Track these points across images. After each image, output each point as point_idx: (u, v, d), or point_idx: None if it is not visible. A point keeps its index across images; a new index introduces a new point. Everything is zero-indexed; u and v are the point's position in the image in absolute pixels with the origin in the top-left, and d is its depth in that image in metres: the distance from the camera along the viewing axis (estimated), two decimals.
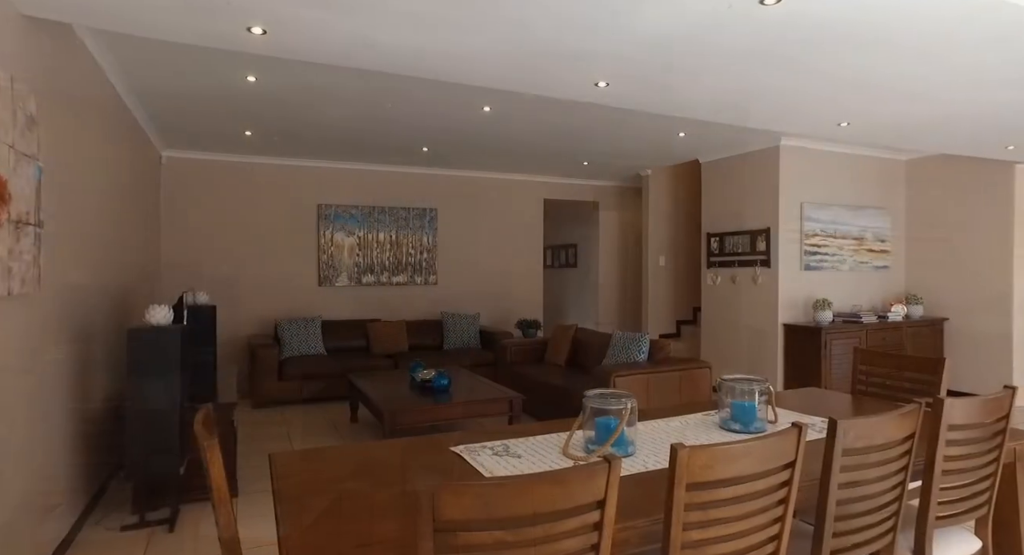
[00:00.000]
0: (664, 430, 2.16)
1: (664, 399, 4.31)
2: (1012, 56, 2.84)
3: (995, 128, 4.25)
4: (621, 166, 7.27)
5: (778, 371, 5.67)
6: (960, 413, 1.75)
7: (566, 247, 9.53)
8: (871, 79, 3.19)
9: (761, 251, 5.83)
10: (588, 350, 5.32)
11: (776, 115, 3.93)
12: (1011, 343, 5.66)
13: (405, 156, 6.58)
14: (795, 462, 1.42)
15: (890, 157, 6.37)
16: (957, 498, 1.83)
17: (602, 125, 5.17)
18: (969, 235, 5.97)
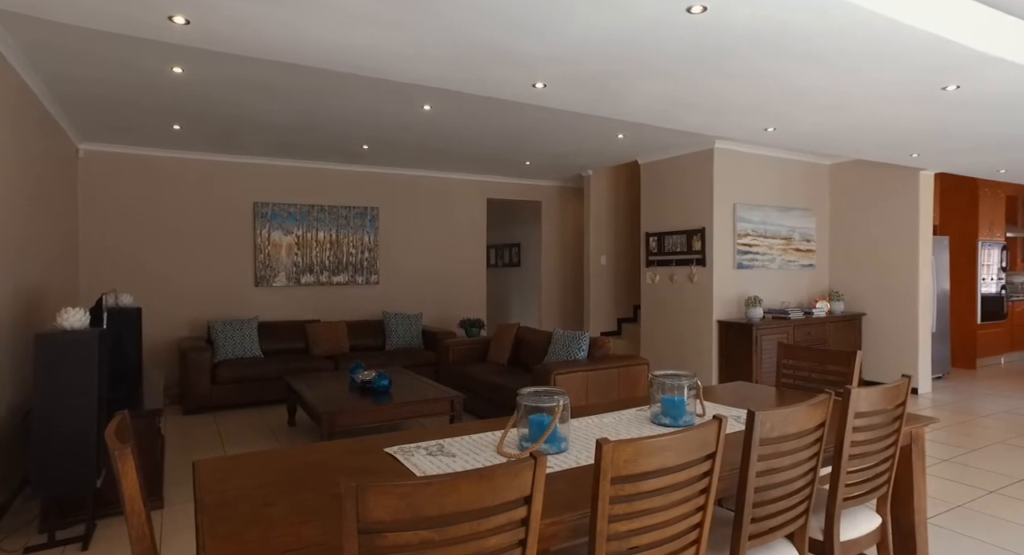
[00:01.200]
0: (598, 426, 2.21)
1: (603, 396, 4.40)
2: (908, 74, 3.06)
3: (901, 138, 4.56)
4: (563, 166, 7.36)
5: (713, 366, 5.89)
6: (865, 401, 1.87)
7: (509, 246, 9.58)
8: (792, 89, 3.36)
9: (697, 250, 6.04)
10: (530, 349, 5.37)
11: (709, 120, 4.08)
12: (916, 335, 6.09)
13: (345, 154, 6.45)
14: (716, 453, 1.48)
15: (815, 161, 6.72)
16: (862, 480, 1.95)
17: (543, 126, 5.23)
18: (882, 235, 6.38)
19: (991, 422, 5.01)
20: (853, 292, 6.65)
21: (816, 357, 2.89)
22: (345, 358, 6.17)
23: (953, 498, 3.36)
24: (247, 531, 1.32)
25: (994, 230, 7.75)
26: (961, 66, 2.99)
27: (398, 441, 1.99)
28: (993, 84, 3.28)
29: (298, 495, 1.51)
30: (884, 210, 6.38)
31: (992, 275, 7.73)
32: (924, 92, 3.40)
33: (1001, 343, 7.93)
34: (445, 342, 5.91)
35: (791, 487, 1.72)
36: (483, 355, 6.00)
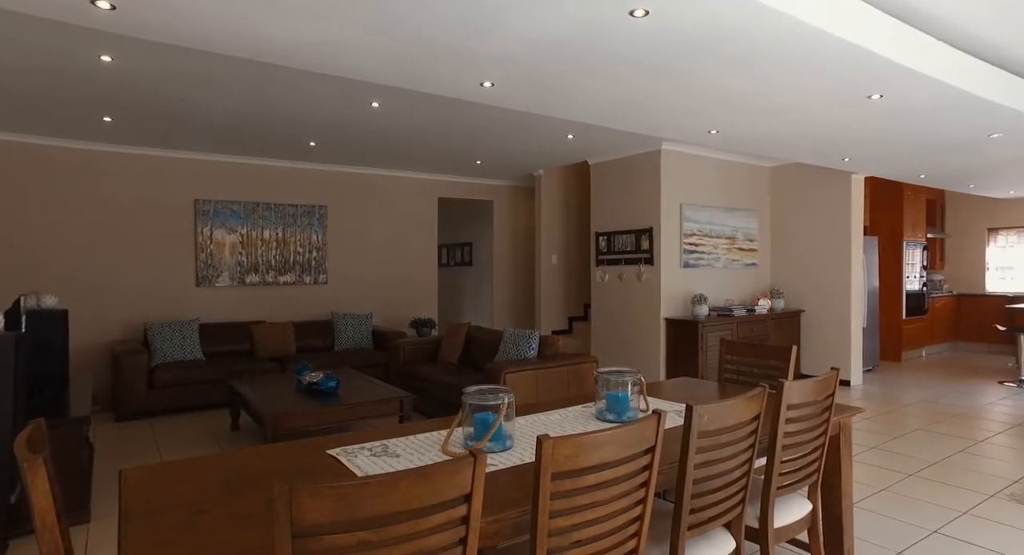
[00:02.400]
0: (544, 423, 2.23)
1: (553, 393, 4.44)
2: (837, 82, 3.22)
3: (833, 142, 4.78)
4: (514, 166, 7.39)
5: (661, 362, 6.03)
6: (797, 394, 1.96)
7: (461, 246, 9.55)
8: (732, 93, 3.48)
9: (645, 250, 6.17)
10: (480, 348, 5.37)
11: (655, 121, 4.17)
12: (849, 330, 6.41)
13: (292, 151, 6.28)
14: (655, 447, 1.52)
15: (757, 164, 6.97)
16: (795, 469, 2.04)
17: (494, 125, 5.23)
18: (818, 236, 6.68)
19: (913, 410, 5.32)
20: (792, 290, 6.94)
21: (755, 353, 3.00)
22: (292, 360, 6.01)
23: (878, 482, 3.55)
24: (175, 540, 1.26)
25: (917, 231, 8.23)
26: (884, 77, 3.16)
27: (342, 443, 1.95)
28: (912, 95, 3.48)
29: (233, 501, 1.46)
30: (820, 211, 6.68)
31: (915, 273, 8.21)
32: (852, 100, 3.57)
33: (923, 337, 8.43)
34: (396, 342, 5.84)
35: (728, 478, 1.78)
36: (434, 355, 5.95)
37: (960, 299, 9.20)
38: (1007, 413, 5.27)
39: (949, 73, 3.28)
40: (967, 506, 3.23)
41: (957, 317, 9.17)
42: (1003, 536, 2.87)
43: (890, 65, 2.97)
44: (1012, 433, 4.63)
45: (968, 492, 3.42)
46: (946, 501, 3.29)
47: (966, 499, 3.32)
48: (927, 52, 3.14)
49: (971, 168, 6.21)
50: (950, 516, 3.10)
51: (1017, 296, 8.68)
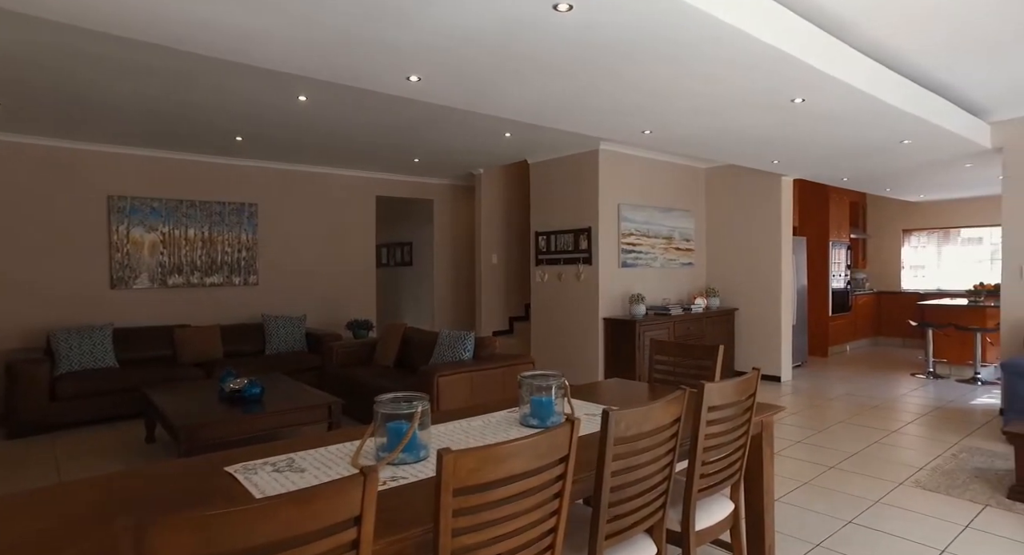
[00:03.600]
0: (464, 431, 2.14)
1: (489, 396, 4.36)
2: (762, 84, 3.28)
3: (762, 144, 4.92)
4: (453, 164, 7.28)
5: (600, 362, 6.06)
6: (718, 395, 1.95)
7: (401, 245, 9.35)
8: (662, 92, 3.50)
9: (584, 249, 6.18)
10: (416, 350, 5.24)
11: (589, 120, 4.16)
12: (780, 328, 6.63)
13: (217, 145, 5.95)
14: (569, 456, 1.46)
15: (692, 165, 7.12)
16: (716, 470, 2.03)
17: (430, 122, 5.11)
18: (751, 235, 6.88)
19: (836, 404, 5.54)
20: (727, 289, 7.12)
21: (685, 352, 3.01)
22: (219, 365, 5.70)
23: (801, 476, 3.66)
24: None
25: (841, 232, 8.63)
26: (804, 81, 3.24)
27: (244, 458, 1.81)
28: (831, 100, 3.59)
29: (97, 535, 1.30)
30: (752, 212, 6.88)
31: (840, 272, 8.61)
32: (777, 103, 3.66)
33: (847, 332, 8.85)
34: (329, 345, 5.63)
35: (648, 483, 1.75)
36: (369, 357, 5.78)
37: (880, 296, 9.72)
38: (917, 404, 5.57)
39: (862, 80, 3.40)
40: (879, 494, 3.36)
41: (877, 313, 9.68)
42: (908, 522, 3.01)
43: (809, 70, 3.04)
44: (920, 422, 4.88)
45: (881, 481, 3.57)
46: (861, 491, 3.41)
47: (879, 488, 3.46)
48: (842, 58, 3.24)
49: (887, 172, 6.54)
50: (864, 505, 3.22)
51: (928, 293, 9.24)
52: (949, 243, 9.62)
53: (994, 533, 2.89)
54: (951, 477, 3.64)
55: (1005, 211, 5.10)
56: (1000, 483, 3.53)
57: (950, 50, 3.56)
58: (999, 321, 7.05)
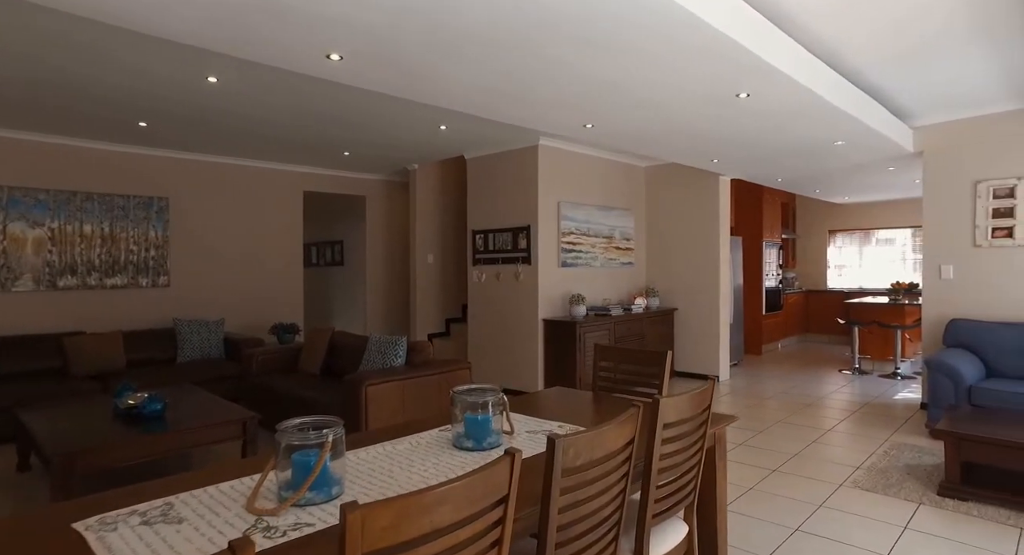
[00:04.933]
0: (388, 457, 1.86)
1: (422, 406, 4.07)
2: (707, 72, 3.15)
3: (703, 142, 4.86)
4: (387, 159, 6.90)
5: (539, 364, 5.87)
6: (673, 410, 1.76)
7: (331, 244, 8.86)
8: (605, 85, 3.32)
9: (523, 248, 5.97)
10: (344, 356, 4.87)
11: (528, 112, 3.94)
12: (718, 327, 6.66)
13: (118, 131, 5.34)
14: (508, 496, 1.21)
15: (633, 163, 7.05)
16: (672, 492, 1.85)
17: (359, 111, 4.74)
18: (690, 235, 6.88)
19: (773, 403, 5.59)
20: (667, 288, 7.10)
21: (630, 358, 2.83)
22: (121, 377, 5.11)
23: (746, 481, 3.58)
24: None
25: (774, 232, 8.84)
26: (751, 74, 3.14)
27: (109, 505, 1.46)
28: (775, 95, 3.53)
29: None
30: (691, 212, 6.88)
31: (772, 271, 8.81)
32: (722, 97, 3.56)
33: (779, 330, 9.09)
34: (248, 351, 5.16)
35: (600, 515, 1.53)
36: (294, 364, 5.35)
37: (808, 295, 10.05)
38: (846, 400, 5.69)
39: (807, 76, 3.34)
40: (821, 498, 3.32)
41: (806, 311, 10.01)
42: (851, 526, 2.98)
43: (757, 61, 2.93)
44: (852, 419, 4.96)
45: (822, 483, 3.53)
46: (804, 495, 3.36)
47: (821, 491, 3.42)
48: (789, 53, 3.16)
49: (819, 173, 6.69)
50: (808, 510, 3.15)
51: (851, 292, 9.63)
52: (869, 244, 10.07)
53: (930, 533, 2.89)
54: (885, 475, 3.66)
55: (926, 213, 5.27)
56: (929, 479, 3.57)
57: (882, 52, 3.56)
58: (916, 318, 7.38)
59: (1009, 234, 4.93)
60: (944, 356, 4.45)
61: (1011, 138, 4.87)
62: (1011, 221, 4.92)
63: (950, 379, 4.36)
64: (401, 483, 1.62)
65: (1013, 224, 4.91)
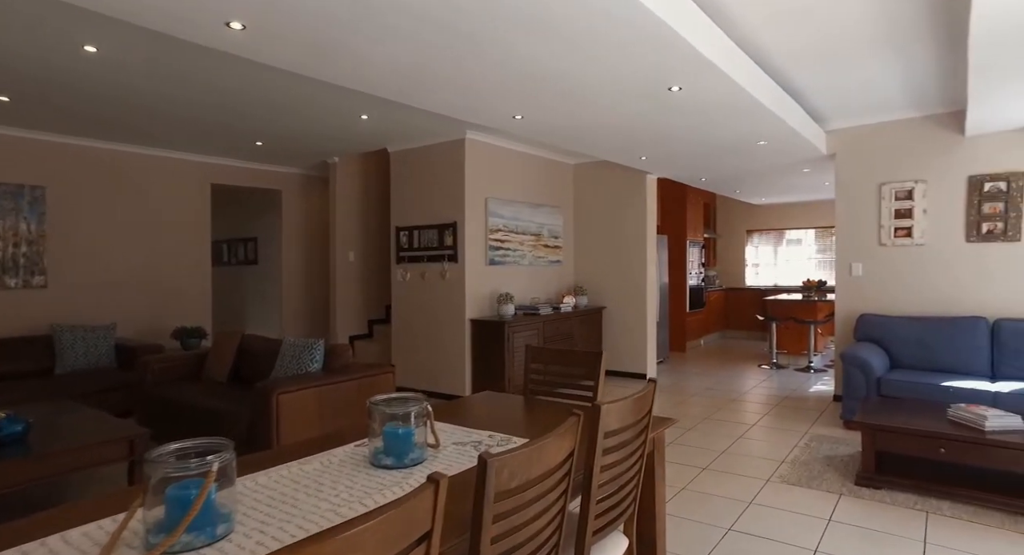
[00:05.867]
0: (294, 480, 1.60)
1: (342, 414, 3.76)
2: (642, 67, 3.07)
3: (634, 138, 4.82)
4: (305, 151, 6.47)
5: (467, 366, 5.66)
6: (615, 417, 1.61)
7: (244, 241, 8.26)
8: (536, 72, 3.16)
9: (449, 246, 5.74)
10: (255, 362, 4.46)
11: (455, 100, 3.72)
12: (645, 325, 6.71)
13: None
14: (432, 531, 1.01)
15: (561, 160, 6.97)
16: (612, 505, 1.70)
17: (268, 95, 4.35)
18: (618, 233, 6.89)
19: (699, 400, 5.66)
20: (596, 287, 7.08)
21: (563, 359, 2.69)
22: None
23: (679, 481, 3.53)
24: None
25: (697, 231, 9.07)
26: (685, 66, 3.08)
27: None
28: (707, 90, 3.50)
29: None
30: (619, 210, 6.89)
31: (695, 270, 9.04)
32: (654, 90, 3.49)
33: (702, 327, 9.34)
34: (144, 358, 4.62)
35: (538, 540, 1.35)
36: (199, 372, 4.85)
37: (728, 292, 10.41)
38: (767, 395, 5.86)
39: (738, 71, 3.33)
40: (751, 495, 3.32)
41: (726, 309, 10.36)
42: (781, 521, 2.98)
43: (693, 53, 2.86)
44: (772, 414, 5.09)
45: (750, 480, 3.55)
46: (735, 492, 3.35)
47: (750, 487, 3.42)
48: (722, 46, 3.12)
49: (741, 174, 6.88)
50: (740, 508, 3.13)
51: (767, 289, 10.06)
52: (782, 244, 10.56)
53: (851, 524, 2.95)
54: (808, 468, 3.73)
55: (838, 213, 5.50)
56: (847, 469, 3.67)
57: (805, 55, 3.62)
58: (827, 313, 7.77)
59: (908, 234, 5.22)
60: (856, 350, 4.63)
61: (910, 143, 5.16)
62: (910, 221, 5.21)
63: (862, 372, 4.53)
64: (307, 513, 1.38)
65: (912, 224, 5.20)
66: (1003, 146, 4.79)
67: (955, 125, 4.95)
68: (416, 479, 1.61)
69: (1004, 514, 3.03)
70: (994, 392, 4.07)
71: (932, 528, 2.89)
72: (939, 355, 4.72)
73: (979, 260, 4.90)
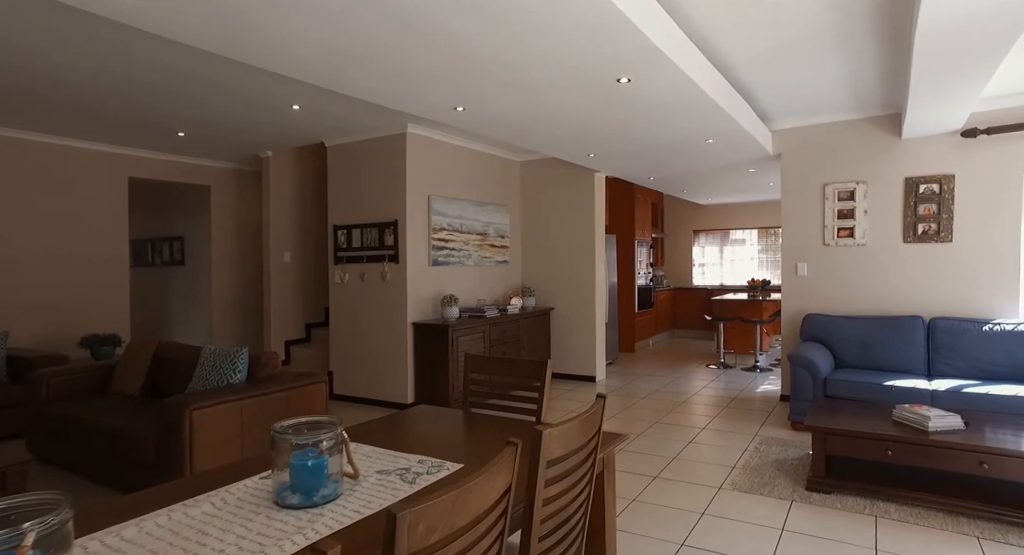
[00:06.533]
0: (171, 531, 1.31)
1: (267, 432, 3.42)
2: (589, 55, 2.89)
3: (581, 133, 4.66)
4: (233, 143, 6.02)
5: (409, 372, 5.37)
6: (559, 443, 1.39)
7: (170, 240, 7.68)
8: (477, 57, 2.93)
9: (390, 246, 5.44)
10: (172, 373, 4.05)
11: (391, 87, 3.45)
12: (594, 326, 6.58)
13: None
14: None
15: (508, 157, 6.76)
16: (557, 541, 1.49)
17: (186, 80, 3.95)
18: (566, 233, 6.74)
19: (649, 403, 5.56)
20: (543, 287, 6.90)
21: (505, 369, 2.47)
22: None
23: (630, 492, 3.37)
24: None
25: (645, 231, 9.04)
26: (635, 56, 2.91)
27: None
28: (658, 84, 3.35)
29: None
30: (567, 209, 6.74)
31: (644, 270, 9.01)
32: (601, 80, 3.32)
33: (650, 328, 9.33)
34: (37, 372, 4.13)
35: None
36: (107, 385, 4.38)
37: (676, 292, 10.46)
38: (715, 396, 5.83)
39: (689, 64, 3.19)
40: (703, 504, 3.19)
41: (674, 308, 10.41)
42: (735, 534, 2.86)
43: (644, 42, 2.70)
44: (721, 416, 5.03)
45: (702, 488, 3.43)
46: (687, 503, 3.21)
47: (702, 496, 3.30)
48: (673, 37, 2.98)
49: (688, 173, 6.85)
50: (692, 520, 3.00)
51: (714, 289, 10.16)
52: (727, 244, 10.70)
53: (804, 532, 2.87)
54: (759, 473, 3.64)
55: (784, 213, 5.51)
56: (796, 473, 3.61)
57: (755, 52, 3.54)
58: (772, 313, 7.86)
59: (851, 234, 5.27)
60: (802, 351, 4.62)
61: (851, 144, 5.21)
62: (852, 222, 5.26)
63: (809, 373, 4.52)
64: None
65: (854, 225, 5.25)
66: (936, 149, 4.88)
67: (893, 127, 5.02)
68: (325, 523, 1.35)
69: (946, 515, 3.01)
70: (931, 391, 4.11)
71: (881, 533, 2.84)
72: (880, 354, 4.77)
73: (915, 260, 4.98)
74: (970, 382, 4.23)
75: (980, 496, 3.07)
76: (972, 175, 4.77)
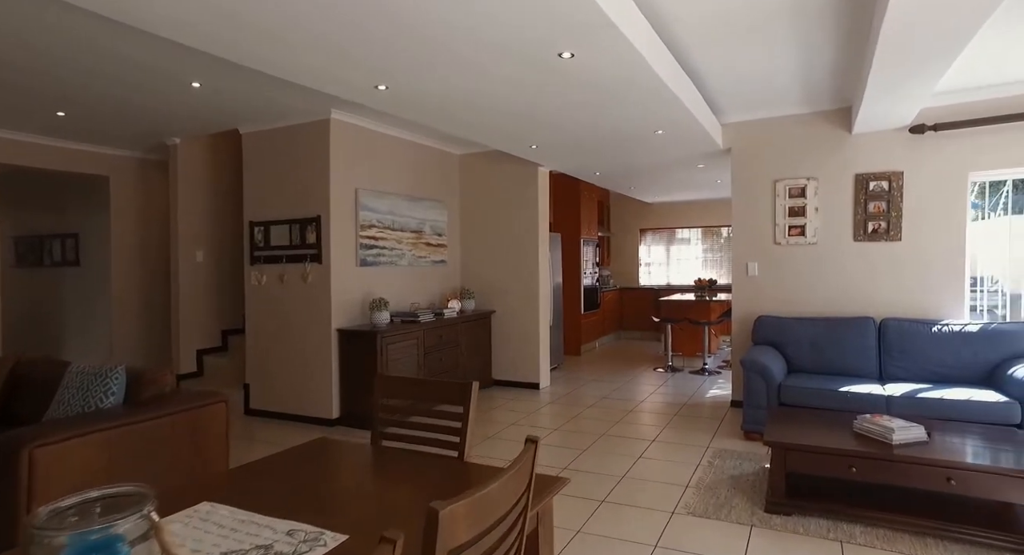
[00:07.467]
0: None
1: (148, 469, 2.84)
2: (527, 21, 2.48)
3: (520, 121, 4.26)
4: (131, 127, 5.30)
5: (333, 384, 4.83)
6: (464, 525, 0.96)
7: (62, 238, 6.81)
8: (396, 23, 2.47)
9: (312, 244, 4.88)
10: (31, 397, 3.39)
11: (303, 62, 2.94)
12: (538, 329, 6.19)
13: None
14: None
15: (446, 149, 6.30)
16: None
17: (46, 43, 3.31)
18: (508, 231, 6.32)
19: (595, 412, 5.21)
20: (483, 289, 6.47)
21: (423, 392, 2.02)
22: None
23: (574, 521, 2.99)
24: None
25: (591, 229, 8.75)
26: (581, 26, 2.52)
27: None
28: (604, 59, 2.98)
29: None
30: (510, 205, 6.32)
31: (590, 270, 8.71)
32: (540, 56, 2.92)
33: (597, 329, 9.05)
34: None
35: None
36: None
37: (622, 292, 10.24)
38: (664, 402, 5.55)
39: (637, 36, 2.83)
40: (656, 534, 2.84)
41: (621, 309, 10.18)
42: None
43: (591, 7, 2.30)
44: (671, 427, 4.73)
45: (655, 513, 3.08)
46: (638, 533, 2.85)
47: (655, 524, 2.95)
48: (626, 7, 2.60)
49: (635, 168, 6.57)
50: (645, 553, 2.64)
51: (660, 288, 9.99)
52: (673, 243, 10.57)
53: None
54: (714, 493, 3.34)
55: (735, 211, 5.28)
56: (754, 492, 3.33)
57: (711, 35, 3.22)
58: (720, 314, 7.69)
59: (802, 232, 5.09)
60: (755, 355, 4.37)
61: (803, 139, 5.02)
62: (803, 220, 5.08)
63: (763, 378, 4.27)
64: None
65: (805, 223, 5.07)
66: (886, 145, 4.75)
67: (843, 122, 4.86)
68: None
69: (912, 536, 2.78)
70: (887, 396, 3.93)
71: None
72: (832, 357, 4.59)
73: (866, 259, 4.84)
74: (922, 386, 4.08)
75: (945, 515, 2.85)
76: (920, 172, 4.65)
